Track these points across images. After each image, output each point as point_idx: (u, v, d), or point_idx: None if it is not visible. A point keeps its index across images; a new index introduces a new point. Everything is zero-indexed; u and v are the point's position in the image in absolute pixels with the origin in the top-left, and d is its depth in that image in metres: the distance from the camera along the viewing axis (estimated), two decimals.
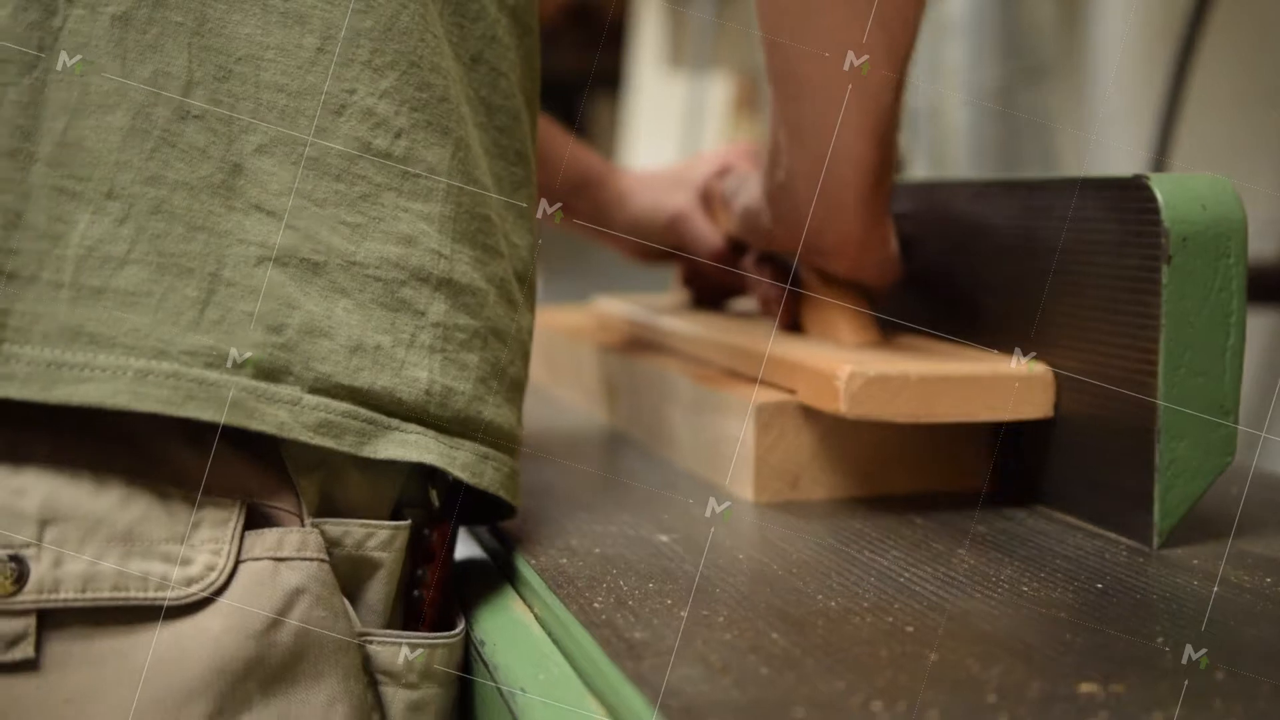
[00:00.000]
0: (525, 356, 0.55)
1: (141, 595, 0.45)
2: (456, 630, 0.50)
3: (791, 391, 0.61)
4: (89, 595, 0.44)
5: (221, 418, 0.45)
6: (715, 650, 0.42)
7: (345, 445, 0.47)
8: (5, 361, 0.44)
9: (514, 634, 0.49)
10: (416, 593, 0.51)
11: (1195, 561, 0.51)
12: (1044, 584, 0.49)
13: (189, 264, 0.46)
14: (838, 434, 0.61)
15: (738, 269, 0.76)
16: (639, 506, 0.60)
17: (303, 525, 0.47)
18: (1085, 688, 0.39)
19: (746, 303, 0.85)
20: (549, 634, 0.48)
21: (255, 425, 0.46)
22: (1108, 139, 1.27)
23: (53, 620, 0.44)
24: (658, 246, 0.83)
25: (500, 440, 0.52)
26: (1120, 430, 0.54)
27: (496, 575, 0.55)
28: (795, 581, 0.49)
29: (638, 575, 0.50)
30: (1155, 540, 0.52)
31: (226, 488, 0.46)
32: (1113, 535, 0.55)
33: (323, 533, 0.47)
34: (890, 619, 0.45)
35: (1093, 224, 0.55)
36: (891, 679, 0.39)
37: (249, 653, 0.45)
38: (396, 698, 0.48)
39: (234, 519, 0.46)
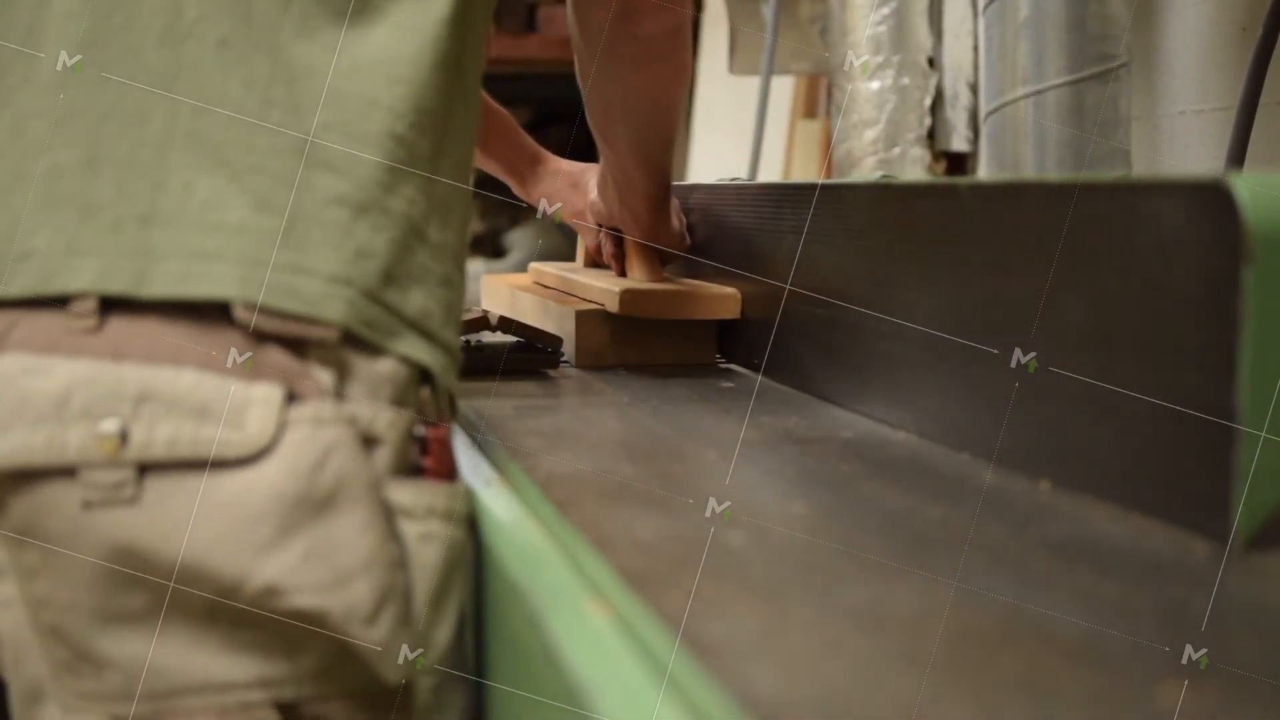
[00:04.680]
0: (462, 298, 0.68)
1: (212, 452, 0.56)
2: (455, 483, 0.62)
3: (600, 305, 1.07)
4: (174, 452, 0.56)
5: (300, 308, 0.58)
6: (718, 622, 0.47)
7: (378, 337, 0.60)
8: (151, 273, 0.58)
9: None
10: (420, 470, 0.62)
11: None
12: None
13: (277, 206, 0.59)
14: (623, 327, 1.05)
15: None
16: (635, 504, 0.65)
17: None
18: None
19: None
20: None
21: (323, 314, 0.58)
22: (1179, 136, 1.23)
23: (149, 471, 0.56)
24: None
25: (450, 351, 0.65)
26: (1189, 429, 0.53)
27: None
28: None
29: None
30: (1240, 542, 0.52)
31: (271, 372, 0.57)
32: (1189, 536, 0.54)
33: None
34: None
35: (1171, 228, 0.55)
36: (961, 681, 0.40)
37: (299, 489, 0.56)
38: (409, 529, 0.59)
39: (279, 395, 0.57)
